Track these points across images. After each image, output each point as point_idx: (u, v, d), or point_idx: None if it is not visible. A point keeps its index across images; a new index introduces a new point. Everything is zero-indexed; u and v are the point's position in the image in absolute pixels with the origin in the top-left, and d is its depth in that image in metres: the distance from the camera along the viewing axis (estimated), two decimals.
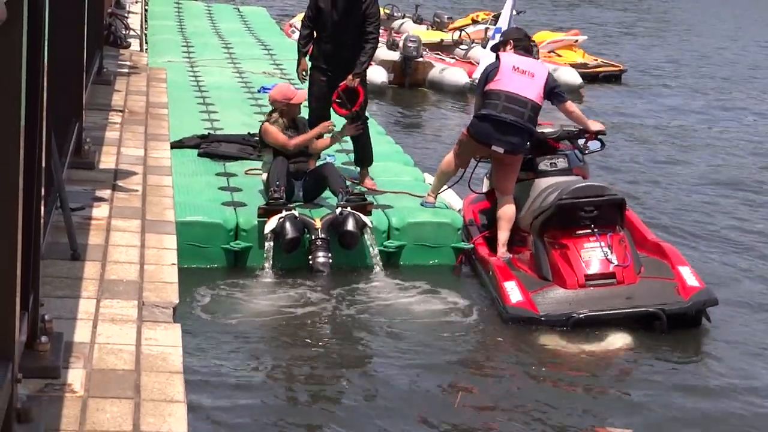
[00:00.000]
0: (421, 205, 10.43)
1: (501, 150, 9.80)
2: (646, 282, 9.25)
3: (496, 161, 10.00)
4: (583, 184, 9.64)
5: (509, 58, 9.91)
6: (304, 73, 10.94)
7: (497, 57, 10.10)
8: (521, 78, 9.78)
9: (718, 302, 9.17)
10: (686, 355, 8.79)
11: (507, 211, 9.92)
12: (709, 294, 9.16)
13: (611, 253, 9.28)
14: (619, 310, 8.99)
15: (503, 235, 9.90)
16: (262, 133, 10.19)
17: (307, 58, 11.00)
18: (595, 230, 9.37)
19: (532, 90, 9.77)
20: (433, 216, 10.21)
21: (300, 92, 10.38)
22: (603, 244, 9.31)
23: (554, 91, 9.94)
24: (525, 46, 10.11)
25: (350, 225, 9.68)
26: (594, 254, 9.30)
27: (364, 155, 11.00)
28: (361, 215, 9.75)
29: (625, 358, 8.71)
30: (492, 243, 10.04)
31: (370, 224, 9.77)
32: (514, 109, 9.71)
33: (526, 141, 9.88)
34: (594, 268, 9.24)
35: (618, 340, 8.82)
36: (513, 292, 9.08)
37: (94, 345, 4.15)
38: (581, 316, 8.89)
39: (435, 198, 10.50)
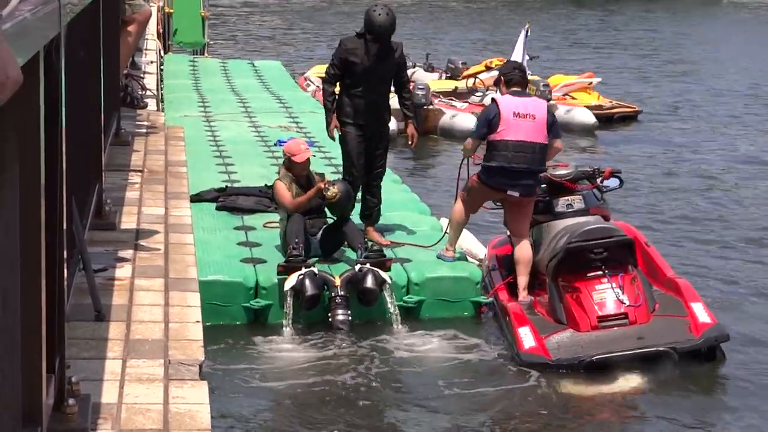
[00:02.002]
0: (438, 257, 10.37)
1: (517, 194, 9.85)
2: (658, 321, 9.28)
3: (511, 205, 10.03)
4: (592, 227, 9.67)
5: (507, 103, 9.92)
6: (336, 130, 10.78)
7: (493, 101, 10.17)
8: (524, 123, 9.82)
9: (730, 338, 9.18)
10: (698, 394, 8.77)
11: (524, 254, 9.91)
12: (721, 330, 9.18)
13: (623, 293, 9.30)
14: (631, 351, 8.99)
15: (522, 279, 9.90)
16: (273, 191, 10.27)
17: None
18: (606, 272, 9.40)
19: (536, 133, 9.84)
20: (452, 270, 10.21)
21: (304, 153, 10.29)
22: (614, 285, 9.33)
23: (552, 127, 10.00)
24: (517, 80, 10.15)
25: (369, 282, 9.65)
26: (605, 296, 9.33)
27: (371, 212, 10.91)
28: (380, 271, 9.73)
29: (639, 399, 8.70)
30: (513, 288, 10.05)
31: (389, 281, 9.75)
32: (524, 156, 9.79)
33: (539, 181, 9.91)
34: (606, 310, 9.28)
35: (631, 382, 8.81)
36: (526, 337, 9.14)
37: (121, 405, 4.13)
38: (592, 359, 8.91)
39: (454, 251, 10.45)
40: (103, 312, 5.02)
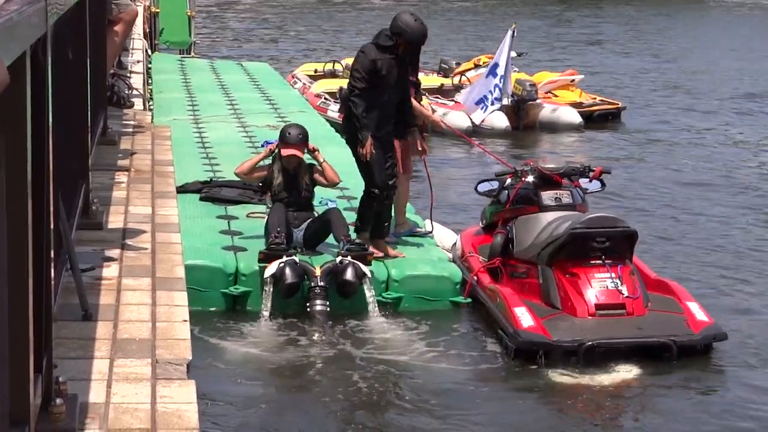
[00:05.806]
0: (394, 235, 10.59)
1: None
2: (655, 314, 9.32)
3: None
4: (597, 215, 9.76)
5: None
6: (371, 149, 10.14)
7: None
8: None
9: (728, 337, 9.22)
10: (696, 387, 8.81)
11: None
12: (719, 329, 9.25)
13: (621, 284, 9.34)
14: (631, 339, 9.03)
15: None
16: None
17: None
18: (606, 261, 9.43)
19: None
20: (433, 269, 10.21)
21: (293, 147, 10.24)
22: (614, 275, 9.37)
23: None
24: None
25: (349, 274, 9.70)
26: (604, 284, 9.37)
27: (383, 228, 10.55)
28: (361, 265, 9.76)
29: (635, 391, 8.72)
30: (494, 272, 10.12)
31: (369, 274, 9.78)
32: None
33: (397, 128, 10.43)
34: (604, 298, 9.31)
35: (627, 373, 8.83)
36: (524, 317, 9.15)
37: (109, 405, 4.13)
38: (593, 343, 8.92)
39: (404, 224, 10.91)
40: (90, 311, 5.01)
